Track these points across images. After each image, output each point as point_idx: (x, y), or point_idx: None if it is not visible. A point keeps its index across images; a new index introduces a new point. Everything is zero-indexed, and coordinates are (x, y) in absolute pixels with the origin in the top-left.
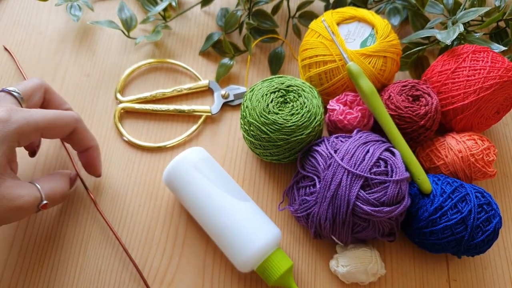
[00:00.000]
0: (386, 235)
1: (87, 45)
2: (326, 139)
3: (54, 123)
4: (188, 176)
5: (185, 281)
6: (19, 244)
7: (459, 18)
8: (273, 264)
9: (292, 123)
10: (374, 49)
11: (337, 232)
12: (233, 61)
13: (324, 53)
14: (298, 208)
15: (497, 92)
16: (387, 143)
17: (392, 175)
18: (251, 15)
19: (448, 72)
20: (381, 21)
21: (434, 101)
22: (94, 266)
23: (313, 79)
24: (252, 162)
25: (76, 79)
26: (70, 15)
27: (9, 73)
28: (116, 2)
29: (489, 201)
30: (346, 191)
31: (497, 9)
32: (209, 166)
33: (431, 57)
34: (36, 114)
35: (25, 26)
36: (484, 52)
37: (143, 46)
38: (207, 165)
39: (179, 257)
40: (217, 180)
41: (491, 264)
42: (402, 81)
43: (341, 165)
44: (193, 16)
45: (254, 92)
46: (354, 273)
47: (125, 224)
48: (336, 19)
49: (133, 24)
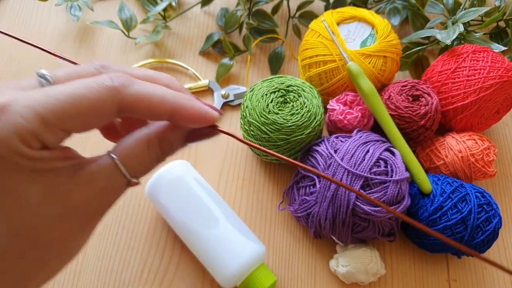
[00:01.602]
0: (386, 235)
1: (87, 45)
2: (326, 139)
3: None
4: (167, 193)
5: (185, 281)
6: None
7: (459, 18)
8: (256, 280)
9: (292, 123)
10: (374, 49)
11: (337, 232)
12: (233, 61)
13: (324, 53)
14: (298, 208)
15: (497, 92)
16: (387, 143)
17: (392, 175)
18: (251, 15)
19: (448, 72)
20: (381, 21)
21: (434, 101)
22: (94, 266)
23: (313, 79)
24: (252, 162)
25: None
26: (70, 15)
27: (9, 73)
28: (116, 2)
29: (489, 201)
30: (346, 191)
31: (497, 9)
32: (189, 181)
33: (431, 57)
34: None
35: (25, 26)
36: (484, 52)
37: (143, 46)
38: (188, 180)
39: (179, 257)
40: (198, 197)
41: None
42: (402, 81)
43: (341, 165)
44: (193, 16)
45: (254, 92)
46: (354, 273)
47: (125, 224)
48: (336, 19)
49: (133, 24)
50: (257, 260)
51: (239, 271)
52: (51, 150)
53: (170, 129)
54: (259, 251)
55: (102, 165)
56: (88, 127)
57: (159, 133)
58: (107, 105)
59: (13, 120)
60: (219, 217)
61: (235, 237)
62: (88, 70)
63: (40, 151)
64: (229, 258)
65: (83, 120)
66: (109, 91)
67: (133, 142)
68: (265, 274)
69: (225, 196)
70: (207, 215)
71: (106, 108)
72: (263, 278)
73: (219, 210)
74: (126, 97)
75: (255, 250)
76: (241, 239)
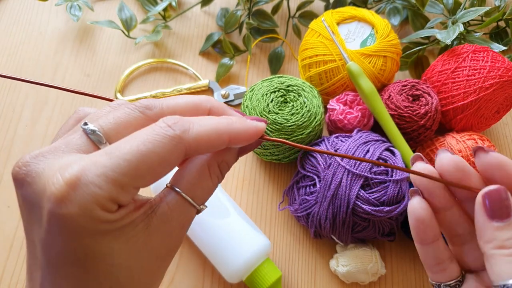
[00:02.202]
0: (386, 235)
1: (87, 45)
2: (326, 138)
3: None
4: None
5: (185, 281)
6: (19, 244)
7: (459, 18)
8: (261, 275)
9: (292, 123)
10: (374, 49)
11: (337, 231)
12: (233, 61)
13: (324, 53)
14: (298, 207)
15: (497, 91)
16: (387, 142)
17: (392, 175)
18: (251, 15)
19: (448, 71)
20: (381, 21)
21: (434, 101)
22: None
23: (313, 78)
24: (252, 162)
25: (76, 79)
26: (70, 15)
27: (10, 73)
28: (116, 2)
29: None
30: (346, 190)
31: (497, 8)
32: None
33: (431, 57)
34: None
35: (25, 26)
36: (484, 52)
37: (143, 46)
38: None
39: (179, 257)
40: None
41: None
42: (402, 81)
43: (341, 164)
44: (193, 16)
45: (254, 92)
46: (354, 273)
47: None
48: (336, 19)
49: (133, 24)
50: (262, 254)
51: (244, 265)
52: (124, 207)
53: (226, 151)
54: (266, 244)
55: (172, 203)
56: (159, 178)
57: (217, 158)
58: (174, 155)
59: (90, 192)
60: (229, 208)
61: (244, 228)
62: (134, 115)
63: (118, 212)
64: (235, 252)
65: (154, 174)
66: (173, 140)
67: (196, 172)
68: (270, 269)
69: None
70: (218, 205)
71: (175, 158)
72: (269, 273)
73: (226, 205)
74: (190, 142)
75: (262, 243)
76: (249, 231)
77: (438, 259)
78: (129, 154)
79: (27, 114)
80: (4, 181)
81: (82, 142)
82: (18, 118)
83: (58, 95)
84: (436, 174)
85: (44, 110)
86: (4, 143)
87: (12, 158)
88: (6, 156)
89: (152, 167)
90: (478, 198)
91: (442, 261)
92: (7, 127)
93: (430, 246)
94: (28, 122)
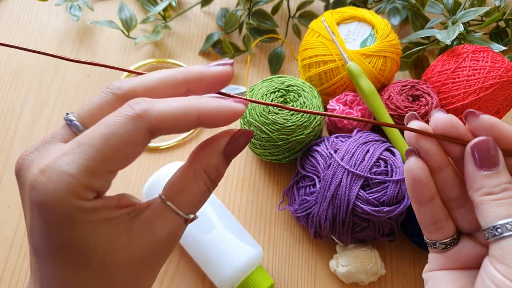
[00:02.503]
0: (386, 235)
1: (87, 45)
2: (326, 139)
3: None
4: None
5: (185, 281)
6: (19, 244)
7: (459, 18)
8: (253, 283)
9: (292, 123)
10: (374, 49)
11: (337, 232)
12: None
13: (324, 53)
14: (298, 208)
15: (497, 92)
16: (387, 143)
17: (392, 175)
18: (251, 15)
19: (448, 72)
20: (381, 21)
21: (434, 101)
22: None
23: (313, 79)
24: (252, 162)
25: (76, 79)
26: (70, 15)
27: (9, 73)
28: (116, 2)
29: None
30: (346, 191)
31: (497, 9)
32: None
33: (431, 57)
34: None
35: (25, 26)
36: (484, 52)
37: (143, 46)
38: None
39: (179, 257)
40: None
41: None
42: (402, 81)
43: (341, 165)
44: (193, 16)
45: (254, 92)
46: (354, 273)
47: None
48: (336, 19)
49: (133, 24)
50: (253, 264)
51: (235, 274)
52: (104, 198)
53: (210, 154)
54: (255, 254)
55: (155, 210)
56: (129, 159)
57: (201, 162)
58: (137, 134)
59: (63, 180)
60: (214, 222)
61: (230, 241)
62: (107, 98)
63: (94, 201)
64: (224, 263)
65: (122, 156)
66: (133, 120)
67: (178, 178)
68: (262, 277)
69: (224, 196)
70: (203, 219)
71: (138, 137)
72: (260, 281)
73: (215, 214)
74: (152, 120)
75: (251, 253)
76: (236, 243)
77: (435, 218)
78: (94, 139)
79: (27, 114)
80: (4, 181)
81: (65, 132)
82: (18, 118)
83: (58, 95)
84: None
85: (44, 110)
86: (4, 143)
87: (12, 158)
88: (6, 156)
89: (117, 150)
90: (467, 149)
91: (438, 220)
92: (7, 127)
93: (427, 206)
94: (28, 122)
